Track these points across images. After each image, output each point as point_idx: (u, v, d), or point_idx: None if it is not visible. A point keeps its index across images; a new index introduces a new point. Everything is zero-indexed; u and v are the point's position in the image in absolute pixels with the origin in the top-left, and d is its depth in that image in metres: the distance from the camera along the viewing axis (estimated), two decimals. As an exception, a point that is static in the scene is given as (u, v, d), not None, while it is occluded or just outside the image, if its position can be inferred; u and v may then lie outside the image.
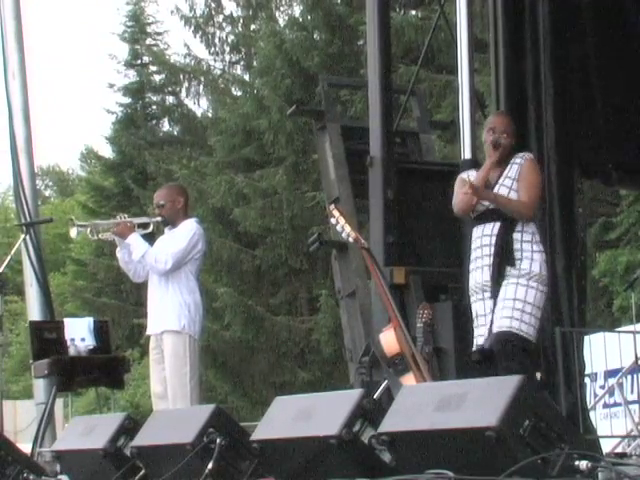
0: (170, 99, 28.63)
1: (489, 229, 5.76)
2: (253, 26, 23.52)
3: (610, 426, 9.99)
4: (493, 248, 5.70)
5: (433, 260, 8.12)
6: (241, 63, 24.78)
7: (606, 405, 10.42)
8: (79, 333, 8.06)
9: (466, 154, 7.65)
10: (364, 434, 4.12)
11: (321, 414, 4.27)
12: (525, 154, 5.97)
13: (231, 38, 23.93)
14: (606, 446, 8.17)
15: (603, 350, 9.73)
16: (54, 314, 9.13)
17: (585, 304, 8.05)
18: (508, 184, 5.80)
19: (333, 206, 6.49)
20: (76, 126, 71.68)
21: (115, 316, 21.83)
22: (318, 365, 19.24)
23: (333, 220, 6.36)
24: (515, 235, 5.72)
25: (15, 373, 29.40)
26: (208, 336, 18.46)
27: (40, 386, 8.68)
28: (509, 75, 7.92)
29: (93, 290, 25.90)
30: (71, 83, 76.47)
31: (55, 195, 45.08)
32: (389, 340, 6.33)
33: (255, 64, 22.49)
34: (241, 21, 23.84)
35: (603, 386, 10.43)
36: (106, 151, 31.06)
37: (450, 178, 8.11)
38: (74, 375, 7.99)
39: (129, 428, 5.33)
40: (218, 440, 4.66)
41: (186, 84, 25.07)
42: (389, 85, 8.20)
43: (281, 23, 22.09)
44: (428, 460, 3.81)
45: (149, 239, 7.03)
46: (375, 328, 7.28)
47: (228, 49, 24.14)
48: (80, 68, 69.75)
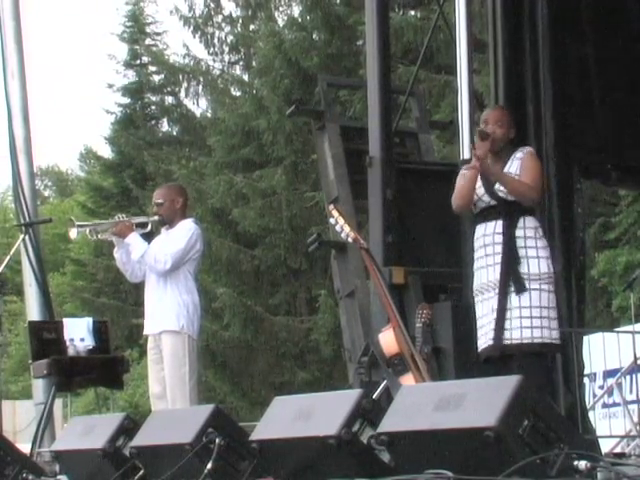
0: (169, 99, 28.64)
1: (491, 228, 5.73)
2: (252, 26, 23.51)
3: (609, 426, 10.00)
4: (498, 248, 5.67)
5: (432, 260, 8.11)
6: (240, 63, 24.77)
7: (605, 405, 10.42)
8: (78, 333, 8.05)
9: (465, 154, 7.62)
10: (363, 434, 4.12)
11: (320, 414, 4.28)
12: (526, 148, 5.95)
13: (230, 38, 23.91)
14: (605, 446, 8.17)
15: (602, 350, 9.74)
16: (53, 314, 9.13)
17: (584, 304, 8.04)
18: None
19: (332, 206, 6.50)
20: (75, 126, 71.77)
21: (114, 316, 21.80)
22: (317, 365, 19.24)
23: (332, 220, 6.36)
24: (518, 232, 5.68)
25: (14, 373, 29.41)
26: (207, 336, 18.46)
27: (39, 386, 8.68)
28: (508, 75, 7.92)
29: (92, 290, 25.90)
30: (70, 83, 76.58)
31: (54, 195, 45.08)
32: (388, 340, 6.33)
33: (254, 64, 22.48)
34: (240, 21, 23.82)
35: (602, 386, 10.44)
36: (105, 151, 31.15)
37: (449, 178, 8.10)
38: (73, 375, 7.98)
39: (128, 428, 5.32)
40: (217, 440, 4.66)
41: (185, 84, 25.07)
42: (388, 85, 8.20)
43: (280, 23, 22.08)
44: (427, 460, 3.81)
45: (147, 238, 7.03)
46: (374, 328, 7.28)
47: (227, 49, 24.13)
48: (79, 68, 69.92)
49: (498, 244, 5.69)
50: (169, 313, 6.83)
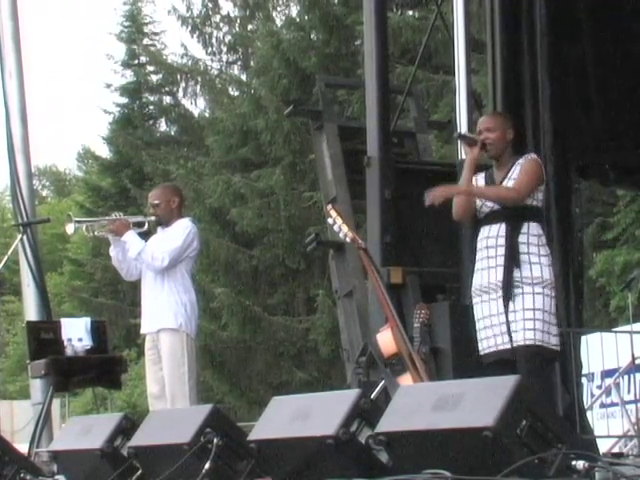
0: (167, 99, 28.63)
1: (495, 230, 5.72)
2: (250, 26, 23.50)
3: (607, 426, 10.00)
4: (501, 250, 5.67)
5: (430, 260, 8.11)
6: (238, 63, 24.76)
7: (603, 405, 10.43)
8: (76, 333, 8.05)
9: (463, 154, 7.64)
10: (361, 434, 4.12)
11: (318, 414, 4.28)
12: (529, 154, 5.94)
13: (228, 38, 23.91)
14: (603, 446, 8.19)
15: (600, 350, 9.74)
16: (51, 314, 9.12)
17: (582, 304, 8.05)
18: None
19: (330, 206, 6.50)
20: (73, 126, 71.75)
21: (112, 316, 21.80)
22: (315, 365, 19.24)
23: (330, 220, 6.36)
24: (521, 238, 5.67)
25: (12, 373, 29.42)
26: (205, 336, 18.46)
27: (37, 386, 8.66)
28: (506, 75, 7.92)
29: (90, 290, 25.91)
30: (68, 83, 76.55)
31: (52, 195, 45.06)
32: (386, 340, 6.33)
33: (252, 64, 22.49)
34: (238, 21, 23.81)
35: (600, 386, 10.44)
36: (103, 151, 31.12)
37: (447, 178, 8.10)
38: (71, 375, 7.98)
39: (126, 428, 5.32)
40: (215, 440, 4.66)
41: (183, 84, 25.08)
42: (386, 85, 8.20)
43: (278, 23, 22.09)
44: (425, 460, 3.81)
45: (144, 238, 7.02)
46: (372, 328, 7.28)
47: (225, 49, 24.11)
48: (77, 68, 69.92)
49: (501, 247, 5.68)
50: (167, 311, 6.82)
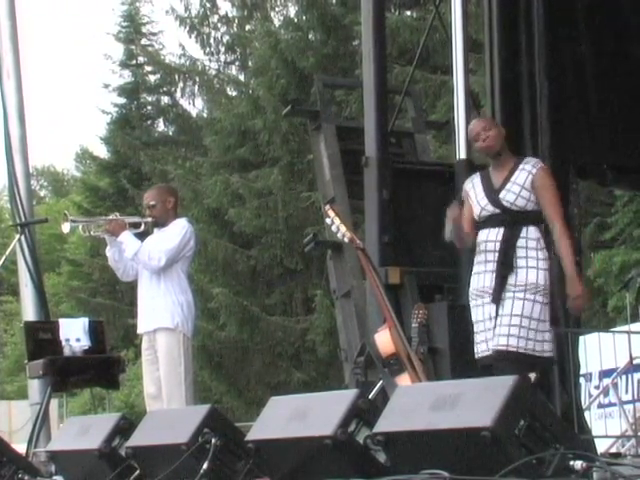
0: (165, 99, 28.68)
1: (494, 234, 5.71)
2: (248, 26, 23.50)
3: (605, 426, 10.01)
4: (497, 255, 5.67)
5: (428, 260, 8.10)
6: (236, 63, 24.78)
7: (601, 405, 10.43)
8: (74, 333, 8.04)
9: (461, 154, 7.66)
10: (359, 434, 4.12)
11: (316, 414, 4.27)
12: (537, 162, 5.84)
13: (226, 38, 23.91)
14: (601, 446, 8.19)
15: (598, 350, 9.74)
16: (49, 314, 9.11)
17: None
18: (516, 190, 5.69)
19: (328, 206, 6.49)
20: (71, 126, 71.80)
21: (110, 316, 21.81)
22: (313, 365, 19.24)
23: (328, 220, 6.36)
24: (520, 242, 5.65)
25: (10, 373, 29.41)
26: (203, 336, 18.47)
27: (35, 386, 8.65)
28: (504, 76, 7.92)
29: (88, 290, 25.89)
30: (66, 83, 76.54)
31: (50, 195, 45.04)
32: (384, 340, 6.33)
33: (250, 64, 22.50)
34: (236, 21, 23.81)
35: (598, 386, 10.44)
36: (101, 151, 31.11)
37: (445, 178, 8.11)
38: (69, 375, 7.97)
39: (124, 428, 5.32)
40: (213, 440, 4.65)
41: (181, 84, 25.09)
42: (384, 85, 8.20)
43: (276, 23, 22.09)
44: (423, 460, 3.81)
45: (140, 238, 7.01)
46: (370, 328, 7.28)
47: (223, 49, 24.12)
48: (75, 68, 69.91)
49: (498, 252, 5.68)
50: (163, 311, 6.81)
